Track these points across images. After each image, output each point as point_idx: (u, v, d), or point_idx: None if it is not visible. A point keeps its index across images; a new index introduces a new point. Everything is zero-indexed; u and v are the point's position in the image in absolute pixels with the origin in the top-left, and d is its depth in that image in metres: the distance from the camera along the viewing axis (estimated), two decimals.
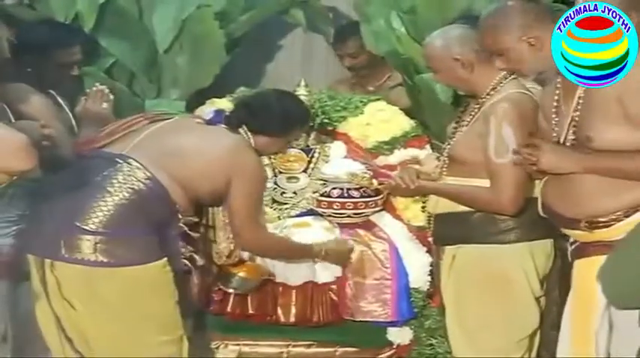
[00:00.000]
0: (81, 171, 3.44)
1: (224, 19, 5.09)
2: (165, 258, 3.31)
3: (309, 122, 4.00)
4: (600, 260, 3.02)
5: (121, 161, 3.34)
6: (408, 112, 4.63)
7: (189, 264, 3.43)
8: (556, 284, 3.50)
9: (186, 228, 3.40)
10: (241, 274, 3.82)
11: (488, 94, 3.59)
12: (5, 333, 3.62)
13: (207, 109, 3.70)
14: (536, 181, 3.41)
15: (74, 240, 3.25)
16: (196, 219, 3.47)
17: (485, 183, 3.53)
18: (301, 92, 4.36)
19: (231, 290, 3.92)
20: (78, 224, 3.25)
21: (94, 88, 4.05)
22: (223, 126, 3.55)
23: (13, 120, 3.54)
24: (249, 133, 3.54)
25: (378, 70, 5.22)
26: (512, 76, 3.60)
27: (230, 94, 4.63)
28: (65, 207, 3.31)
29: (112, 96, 4.05)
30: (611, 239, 3.03)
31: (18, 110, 3.62)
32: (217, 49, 5.04)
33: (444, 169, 3.71)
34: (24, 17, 4.73)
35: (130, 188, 3.30)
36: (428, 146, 4.47)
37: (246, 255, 3.84)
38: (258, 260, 3.92)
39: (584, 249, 3.15)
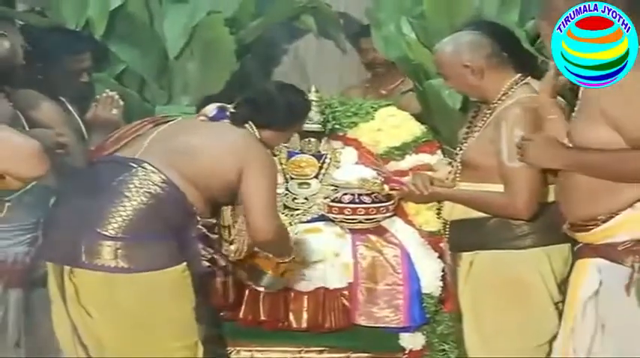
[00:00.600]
0: (96, 176, 3.45)
1: (234, 26, 5.09)
2: (185, 262, 3.31)
3: (309, 112, 4.01)
4: (587, 262, 3.04)
5: (135, 165, 3.35)
6: (419, 118, 4.64)
7: (212, 266, 3.43)
8: None
9: (205, 230, 3.40)
10: (271, 272, 3.84)
11: (499, 100, 3.60)
12: (19, 340, 3.63)
13: (210, 107, 3.71)
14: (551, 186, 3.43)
15: (95, 246, 3.25)
16: (214, 221, 3.47)
17: (499, 188, 3.53)
18: (312, 98, 4.36)
19: (261, 289, 3.94)
20: (98, 230, 3.25)
21: (104, 95, 4.07)
22: (228, 122, 3.58)
23: (26, 127, 3.56)
24: (254, 128, 3.57)
25: (392, 72, 5.23)
26: (524, 81, 3.60)
27: None
28: (83, 213, 3.31)
29: (122, 103, 4.06)
30: (595, 243, 3.03)
31: (29, 116, 3.63)
32: (228, 55, 5.03)
33: (457, 175, 3.71)
34: (35, 24, 4.74)
35: (147, 192, 3.30)
36: (439, 151, 4.47)
37: None
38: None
39: (579, 251, 3.16)
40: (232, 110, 3.62)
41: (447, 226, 3.77)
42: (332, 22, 5.35)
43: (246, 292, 4.02)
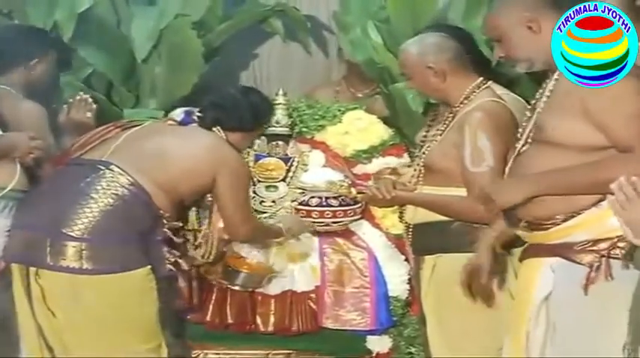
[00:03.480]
0: (63, 178, 3.45)
1: (202, 29, 5.08)
2: (149, 265, 3.32)
3: (277, 115, 4.09)
4: (539, 262, 3.02)
5: (103, 167, 3.36)
6: (386, 121, 4.65)
7: (174, 269, 3.44)
8: None
9: (170, 233, 3.41)
10: (245, 270, 3.87)
11: (461, 103, 3.62)
12: None
13: (178, 111, 3.74)
14: None
15: (60, 247, 3.26)
16: (180, 224, 3.49)
17: (462, 191, 3.55)
18: (279, 101, 4.37)
19: (236, 288, 3.96)
20: (63, 230, 3.26)
21: (77, 97, 4.05)
22: (196, 126, 3.60)
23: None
24: (222, 131, 3.60)
25: (367, 77, 5.21)
26: (485, 85, 3.63)
27: None
28: (50, 214, 3.31)
29: (94, 106, 4.05)
30: (550, 242, 3.00)
31: (4, 118, 3.63)
32: (196, 58, 5.02)
33: (420, 179, 3.73)
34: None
35: (114, 194, 3.31)
36: (406, 154, 4.48)
37: (244, 252, 3.90)
38: (258, 257, 3.95)
39: (527, 250, 3.13)
40: (199, 114, 3.64)
41: (410, 229, 3.79)
42: (299, 25, 5.35)
43: (213, 295, 4.02)
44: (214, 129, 3.62)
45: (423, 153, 3.72)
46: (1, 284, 3.52)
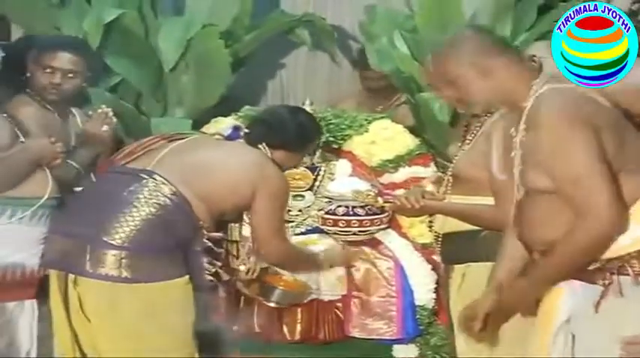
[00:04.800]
0: (105, 186, 3.46)
1: (229, 39, 5.11)
2: (188, 275, 3.33)
3: (322, 135, 4.04)
4: (559, 287, 2.94)
5: (146, 176, 3.36)
6: (413, 130, 4.66)
7: (215, 280, 3.44)
8: None
9: (210, 244, 3.42)
10: (281, 287, 3.87)
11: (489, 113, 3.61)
12: (29, 352, 3.65)
13: (225, 126, 3.74)
14: None
15: (99, 255, 3.25)
16: (221, 235, 3.49)
17: (490, 200, 3.55)
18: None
19: (272, 304, 3.96)
20: (104, 238, 3.26)
21: (99, 110, 4.04)
22: (242, 141, 3.60)
23: (22, 138, 3.59)
24: (267, 149, 3.59)
25: (389, 90, 5.23)
26: None
27: (235, 113, 4.65)
28: (91, 222, 3.32)
29: (114, 120, 4.04)
30: None
31: (21, 126, 3.66)
32: (223, 68, 5.06)
33: (449, 188, 3.73)
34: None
35: (155, 203, 3.31)
36: (432, 164, 4.48)
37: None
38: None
39: None
40: (246, 130, 3.65)
41: (439, 239, 3.79)
42: (326, 35, 5.37)
43: (240, 304, 4.03)
44: (260, 146, 3.60)
45: (453, 162, 3.71)
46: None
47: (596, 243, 2.77)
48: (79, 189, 3.75)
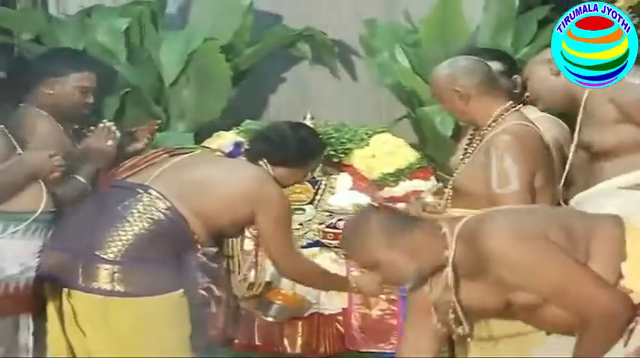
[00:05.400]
0: (101, 201, 3.47)
1: (230, 53, 5.12)
2: (182, 290, 3.33)
3: (324, 152, 4.03)
4: None
5: (141, 191, 3.36)
6: (413, 144, 4.66)
7: (207, 295, 3.44)
8: None
9: (204, 259, 3.41)
10: (279, 302, 3.86)
11: (489, 126, 3.62)
12: None
13: (227, 143, 3.73)
14: None
15: (92, 269, 3.26)
16: (216, 250, 3.48)
17: None
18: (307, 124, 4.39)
19: (270, 319, 3.95)
20: (97, 253, 3.27)
21: (101, 125, 4.04)
22: (243, 158, 3.59)
23: (19, 149, 3.58)
24: (268, 165, 3.57)
25: None
26: (515, 109, 3.63)
27: (236, 127, 4.65)
28: (85, 236, 3.32)
29: (118, 134, 4.04)
30: None
31: (19, 137, 3.65)
32: (224, 81, 5.06)
33: (449, 201, 3.73)
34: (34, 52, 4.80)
35: (149, 218, 3.31)
36: (432, 178, 4.49)
37: (284, 283, 3.91)
38: (297, 289, 3.95)
39: None
40: (247, 146, 3.64)
41: None
42: (327, 49, 5.37)
43: (240, 317, 4.03)
44: (260, 162, 3.59)
45: (454, 176, 3.72)
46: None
47: (616, 332, 2.72)
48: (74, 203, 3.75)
